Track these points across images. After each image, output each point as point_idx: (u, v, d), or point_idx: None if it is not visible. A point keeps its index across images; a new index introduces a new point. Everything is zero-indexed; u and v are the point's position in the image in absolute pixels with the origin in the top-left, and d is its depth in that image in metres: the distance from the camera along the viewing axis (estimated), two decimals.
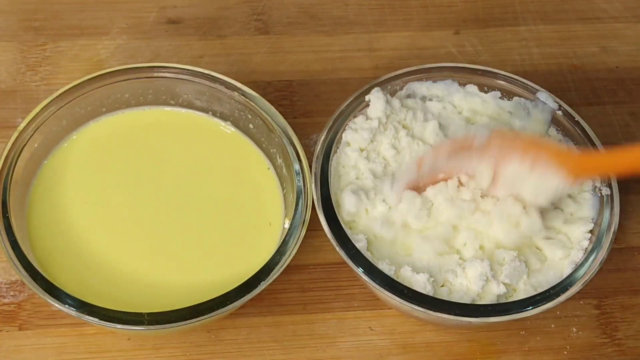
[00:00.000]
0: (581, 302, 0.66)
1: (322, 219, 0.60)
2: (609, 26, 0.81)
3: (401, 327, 0.64)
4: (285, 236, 0.60)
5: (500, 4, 0.81)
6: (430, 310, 0.57)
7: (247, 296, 0.57)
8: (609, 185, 0.63)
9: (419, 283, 0.59)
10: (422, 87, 0.68)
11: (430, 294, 0.59)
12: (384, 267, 0.60)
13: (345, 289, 0.65)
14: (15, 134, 0.62)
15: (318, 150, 0.63)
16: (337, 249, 0.59)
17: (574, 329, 0.65)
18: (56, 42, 0.76)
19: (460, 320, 0.58)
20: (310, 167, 0.63)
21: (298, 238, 0.60)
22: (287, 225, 0.61)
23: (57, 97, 0.64)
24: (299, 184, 0.62)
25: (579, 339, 0.65)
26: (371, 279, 0.58)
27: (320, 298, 0.65)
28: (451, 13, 0.81)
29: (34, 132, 0.63)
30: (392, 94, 0.67)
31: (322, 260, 0.66)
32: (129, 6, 0.79)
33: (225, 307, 0.57)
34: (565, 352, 0.64)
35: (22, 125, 0.62)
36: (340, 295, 0.65)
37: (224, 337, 0.63)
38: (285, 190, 0.65)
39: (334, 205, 0.61)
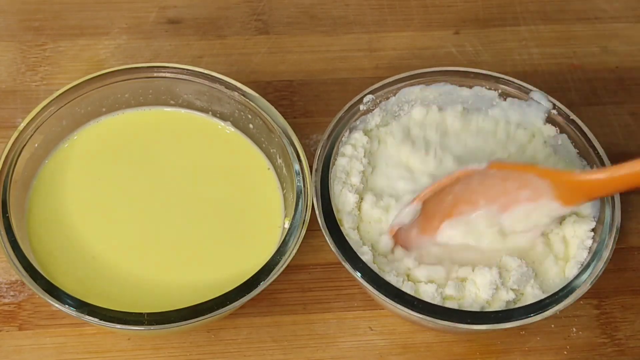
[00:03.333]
0: (581, 302, 0.66)
1: (326, 234, 0.60)
2: (609, 26, 0.81)
3: (401, 327, 0.64)
4: (285, 236, 0.60)
5: (500, 4, 0.81)
6: (441, 320, 0.57)
7: (247, 296, 0.57)
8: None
9: (427, 293, 0.59)
10: (415, 90, 0.67)
11: (440, 304, 0.59)
12: (391, 278, 0.59)
13: (345, 289, 0.65)
14: (15, 134, 0.62)
15: (316, 163, 0.63)
16: (343, 263, 0.59)
17: (574, 329, 0.65)
18: (56, 42, 0.76)
19: (471, 329, 0.58)
20: (311, 167, 0.63)
21: (298, 238, 0.60)
22: (287, 225, 0.61)
23: (57, 97, 0.64)
24: (299, 184, 0.62)
25: (579, 339, 0.65)
26: (379, 291, 0.58)
27: (320, 298, 0.65)
28: (451, 13, 0.81)
29: (34, 132, 0.63)
30: (387, 99, 0.67)
31: (322, 260, 0.66)
32: (129, 6, 0.79)
33: (225, 307, 0.57)
34: (565, 352, 0.64)
35: (22, 125, 0.62)
36: (340, 295, 0.65)
37: (224, 337, 0.63)
38: (285, 191, 0.65)
39: (336, 217, 0.61)
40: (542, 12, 0.81)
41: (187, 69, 0.66)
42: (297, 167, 0.62)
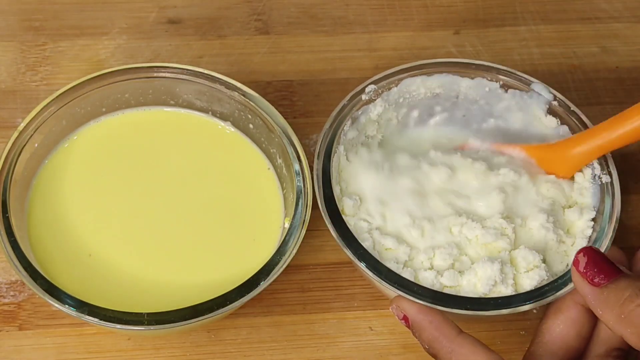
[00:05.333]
0: None
1: (326, 220, 0.60)
2: (609, 26, 0.81)
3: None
4: (285, 236, 0.60)
5: (500, 4, 0.81)
6: (440, 306, 0.57)
7: (247, 296, 0.57)
8: (609, 173, 0.63)
9: (427, 280, 0.59)
10: (417, 81, 0.67)
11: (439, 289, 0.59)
12: (392, 265, 0.60)
13: (345, 289, 0.65)
14: (15, 134, 0.62)
15: (318, 150, 0.63)
16: (344, 249, 0.59)
17: None
18: (56, 42, 0.76)
19: (469, 315, 0.58)
20: (311, 167, 0.63)
21: (298, 238, 0.60)
22: (287, 225, 0.61)
23: (57, 97, 0.64)
24: (298, 184, 0.62)
25: None
26: (379, 277, 0.58)
27: (320, 298, 0.65)
28: (451, 13, 0.81)
29: (34, 132, 0.62)
30: (389, 89, 0.67)
31: (322, 260, 0.66)
32: (129, 6, 0.79)
33: (225, 307, 0.57)
34: None
35: (22, 125, 0.62)
36: (340, 295, 0.65)
37: (224, 337, 0.63)
38: (285, 191, 0.65)
39: (337, 205, 0.61)
40: (542, 12, 0.81)
41: (187, 69, 0.66)
42: (297, 167, 0.62)
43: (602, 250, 0.60)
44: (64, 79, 0.73)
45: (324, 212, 0.60)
